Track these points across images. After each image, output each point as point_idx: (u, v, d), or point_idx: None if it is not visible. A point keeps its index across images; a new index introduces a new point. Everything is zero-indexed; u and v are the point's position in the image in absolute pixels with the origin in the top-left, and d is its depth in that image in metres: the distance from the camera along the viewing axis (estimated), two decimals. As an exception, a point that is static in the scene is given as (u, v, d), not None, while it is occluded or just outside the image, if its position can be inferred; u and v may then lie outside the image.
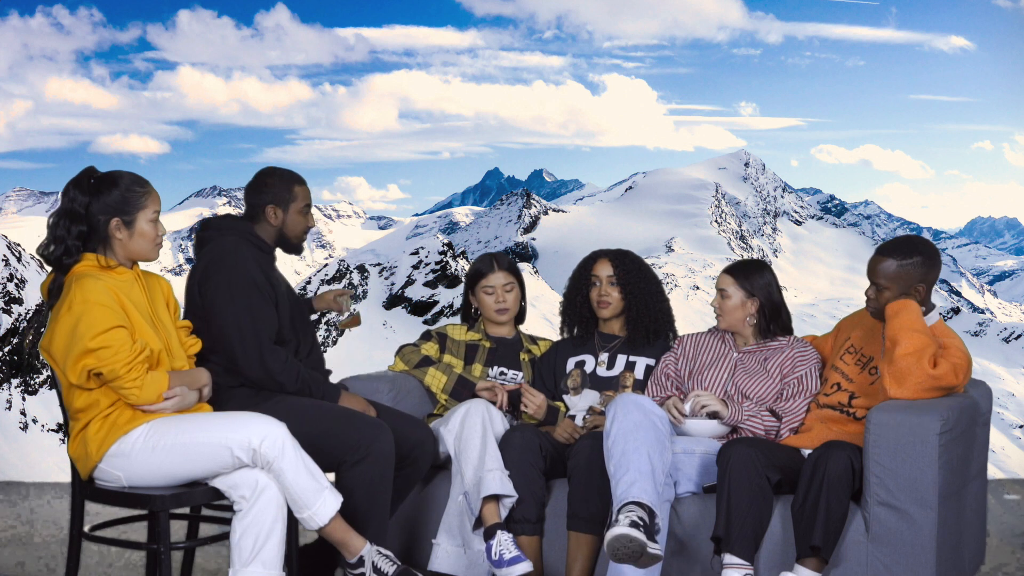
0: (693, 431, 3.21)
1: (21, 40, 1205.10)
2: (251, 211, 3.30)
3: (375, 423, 3.06)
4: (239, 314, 3.07)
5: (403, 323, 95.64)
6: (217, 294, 3.09)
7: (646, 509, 2.83)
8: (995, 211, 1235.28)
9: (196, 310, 3.13)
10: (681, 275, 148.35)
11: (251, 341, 3.08)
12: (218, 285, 3.09)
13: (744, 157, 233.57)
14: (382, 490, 3.03)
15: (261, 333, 3.09)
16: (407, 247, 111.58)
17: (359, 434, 3.01)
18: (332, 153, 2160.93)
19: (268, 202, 3.27)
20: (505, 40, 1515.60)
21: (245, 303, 3.08)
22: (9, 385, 54.98)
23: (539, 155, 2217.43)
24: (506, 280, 3.70)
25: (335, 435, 3.01)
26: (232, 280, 3.09)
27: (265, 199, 3.27)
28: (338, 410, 3.10)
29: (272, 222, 3.28)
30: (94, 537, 2.88)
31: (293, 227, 3.31)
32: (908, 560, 2.83)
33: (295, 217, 3.30)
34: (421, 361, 3.63)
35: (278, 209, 3.27)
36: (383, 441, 3.03)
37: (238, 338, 3.07)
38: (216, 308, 3.09)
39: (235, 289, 3.09)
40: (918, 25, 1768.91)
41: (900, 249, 3.07)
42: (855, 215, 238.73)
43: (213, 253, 3.16)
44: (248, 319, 3.08)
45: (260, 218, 3.28)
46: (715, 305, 3.43)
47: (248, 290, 3.10)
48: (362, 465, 3.00)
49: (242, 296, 3.08)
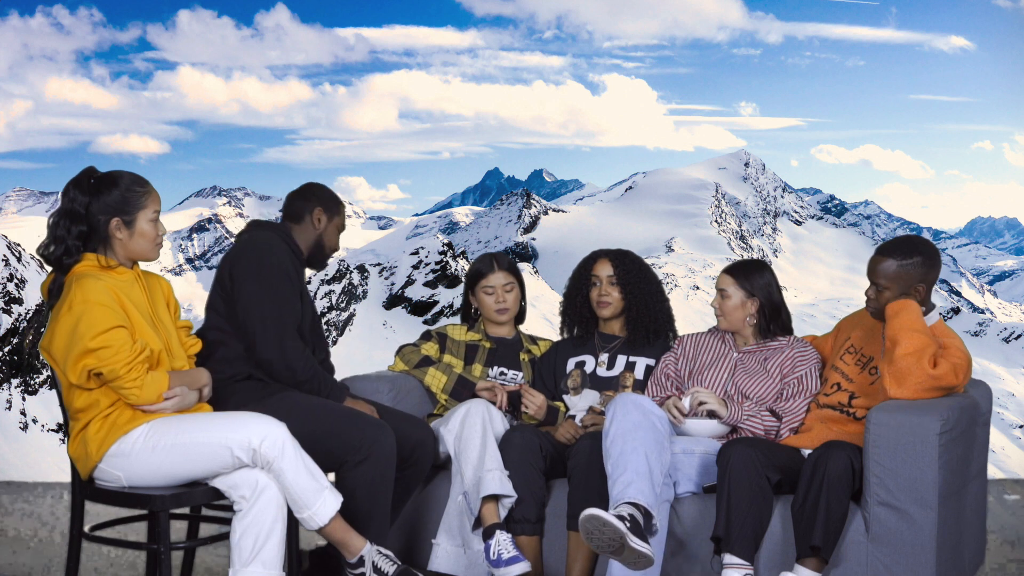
0: (693, 431, 3.21)
1: (21, 40, 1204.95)
2: (295, 213, 3.38)
3: (378, 424, 3.06)
4: (265, 296, 3.11)
5: (403, 323, 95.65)
6: (247, 275, 3.12)
7: (641, 509, 2.84)
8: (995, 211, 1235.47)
9: (224, 293, 3.15)
10: (681, 275, 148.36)
11: (273, 324, 3.10)
12: (249, 266, 3.13)
13: (744, 157, 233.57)
14: (384, 490, 3.03)
15: (285, 318, 3.12)
16: (407, 247, 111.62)
17: (362, 434, 3.01)
18: (332, 153, 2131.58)
19: (317, 206, 3.37)
20: (505, 40, 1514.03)
21: (273, 287, 3.12)
22: (9, 385, 55.00)
23: (539, 155, 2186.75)
24: (506, 280, 3.70)
25: (338, 435, 3.01)
26: (263, 264, 3.14)
27: (313, 204, 3.38)
28: (342, 410, 3.10)
29: (316, 226, 3.38)
30: (94, 537, 2.88)
31: (330, 238, 3.42)
32: (908, 560, 2.83)
33: (333, 231, 3.42)
34: (421, 361, 3.63)
35: (324, 215, 3.38)
36: (385, 442, 3.03)
37: (260, 318, 3.09)
38: (243, 288, 3.11)
39: (265, 272, 3.13)
40: (918, 25, 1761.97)
41: (900, 249, 3.07)
42: (855, 215, 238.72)
43: (248, 240, 3.23)
44: (274, 302, 3.11)
45: (304, 220, 3.37)
46: (715, 305, 3.43)
47: (278, 276, 3.14)
48: (364, 465, 3.00)
49: (270, 280, 3.13)
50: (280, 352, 3.10)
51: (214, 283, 3.22)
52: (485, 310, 3.71)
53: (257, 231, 3.30)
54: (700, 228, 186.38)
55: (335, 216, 3.42)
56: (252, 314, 3.10)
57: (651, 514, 2.86)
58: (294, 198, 3.41)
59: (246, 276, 3.12)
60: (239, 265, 3.15)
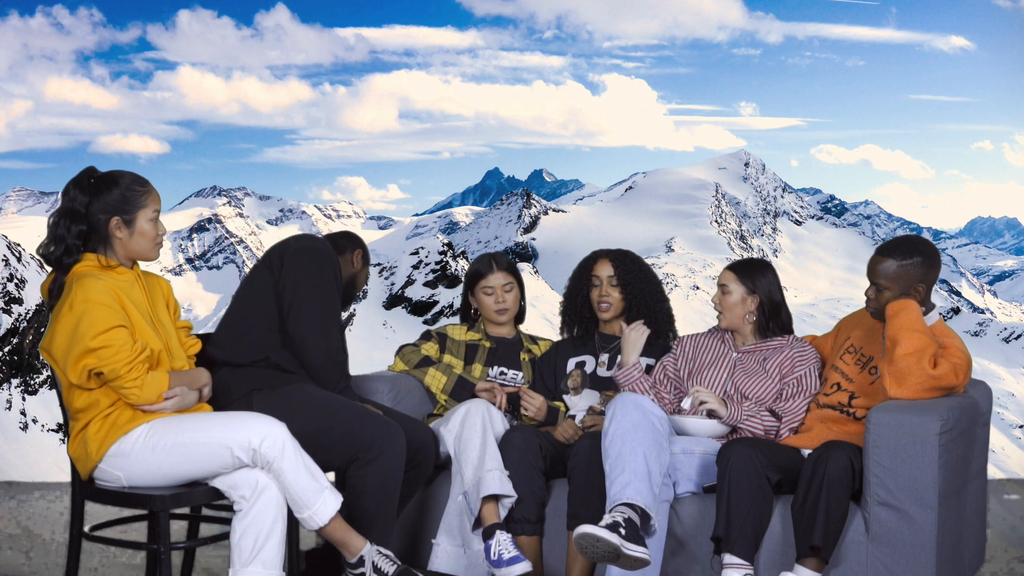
0: (692, 430, 3.21)
1: (21, 40, 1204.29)
2: (339, 247, 3.53)
3: (389, 423, 3.05)
4: (322, 284, 3.14)
5: (403, 323, 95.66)
6: (308, 263, 3.15)
7: (638, 511, 2.84)
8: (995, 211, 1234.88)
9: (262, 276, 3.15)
10: (681, 275, 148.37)
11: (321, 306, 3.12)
12: (312, 257, 3.17)
13: (744, 157, 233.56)
14: (391, 491, 3.02)
15: (333, 308, 3.17)
16: (407, 247, 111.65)
17: (375, 432, 3.00)
18: (332, 153, 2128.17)
19: (358, 249, 3.58)
20: (505, 40, 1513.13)
21: (329, 280, 3.17)
22: (9, 385, 54.99)
23: (539, 155, 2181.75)
24: (505, 280, 3.70)
25: (351, 431, 3.00)
26: (323, 261, 3.18)
27: (355, 246, 3.58)
28: (355, 407, 3.08)
29: (353, 265, 3.56)
30: (94, 537, 2.88)
31: (360, 281, 3.58)
32: (908, 560, 2.83)
33: (363, 277, 3.61)
34: (421, 361, 3.63)
35: (361, 260, 3.58)
36: (397, 442, 3.02)
37: (314, 297, 3.11)
38: (300, 271, 3.13)
39: (324, 267, 3.17)
40: (918, 25, 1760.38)
41: (900, 249, 3.07)
42: (855, 215, 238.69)
43: (310, 239, 3.26)
44: (329, 291, 3.15)
45: (345, 255, 3.54)
46: (715, 301, 3.44)
47: (334, 275, 3.19)
48: (374, 465, 2.98)
49: (327, 274, 3.17)
50: (323, 334, 3.11)
51: (253, 268, 3.22)
52: (485, 310, 3.71)
53: (317, 239, 3.32)
54: (700, 228, 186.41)
55: (367, 265, 3.63)
56: (306, 295, 3.10)
57: (649, 515, 2.87)
58: (337, 237, 3.59)
59: (306, 263, 3.15)
60: (301, 255, 3.16)
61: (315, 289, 3.12)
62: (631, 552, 2.72)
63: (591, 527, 2.73)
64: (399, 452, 3.02)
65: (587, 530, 2.73)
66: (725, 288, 3.40)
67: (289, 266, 3.13)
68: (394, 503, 3.04)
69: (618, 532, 2.73)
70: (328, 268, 3.17)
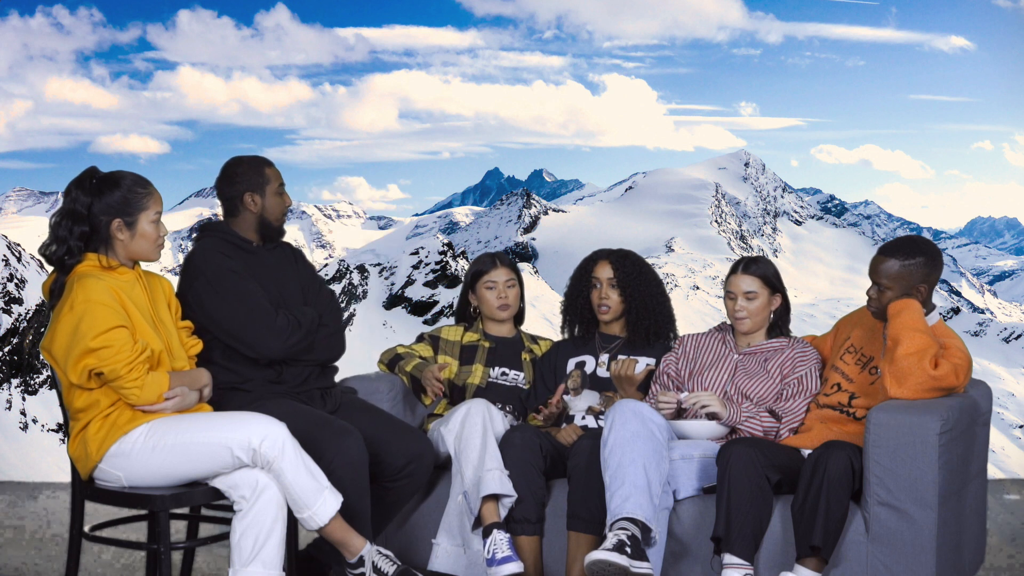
0: (692, 433, 3.21)
1: (21, 40, 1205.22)
2: (229, 205, 3.30)
3: (342, 429, 3.02)
4: (231, 303, 3.09)
5: (403, 323, 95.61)
6: (204, 295, 3.10)
7: (639, 525, 2.85)
8: (995, 211, 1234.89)
9: (195, 319, 3.13)
10: (681, 275, 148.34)
11: (253, 320, 3.09)
12: (201, 287, 3.11)
13: (744, 157, 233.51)
14: (354, 495, 2.96)
15: (256, 309, 3.10)
16: (407, 247, 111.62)
17: (325, 443, 2.97)
18: (332, 153, 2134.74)
19: (244, 191, 3.27)
20: (505, 40, 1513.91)
21: (230, 290, 3.10)
22: (9, 385, 54.98)
23: (539, 155, 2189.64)
24: (508, 276, 3.70)
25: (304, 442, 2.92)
26: (209, 277, 3.11)
27: (240, 188, 3.27)
28: (310, 415, 3.06)
29: (252, 209, 3.27)
30: (94, 537, 2.88)
31: (272, 210, 3.30)
32: (908, 560, 2.83)
33: (272, 199, 3.30)
34: (395, 357, 3.64)
35: (255, 195, 3.27)
36: (349, 448, 2.99)
37: (240, 325, 3.08)
38: (208, 308, 3.10)
39: (215, 282, 3.11)
40: (918, 25, 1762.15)
41: (903, 249, 3.07)
42: (855, 215, 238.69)
43: (187, 262, 3.19)
44: (240, 303, 3.09)
45: (239, 210, 3.28)
46: (737, 309, 3.34)
47: (226, 277, 3.12)
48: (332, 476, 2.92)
49: (223, 285, 3.11)
50: (274, 336, 3.09)
51: (183, 310, 3.17)
52: (486, 307, 3.71)
53: (196, 243, 3.27)
54: (700, 228, 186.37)
55: (264, 188, 3.28)
56: (234, 326, 3.09)
57: (649, 528, 2.88)
58: (221, 187, 3.31)
59: (203, 297, 3.11)
60: (191, 291, 3.13)
61: (219, 311, 3.10)
62: (638, 570, 2.76)
63: (601, 553, 2.75)
64: (353, 458, 2.98)
65: (598, 556, 2.75)
66: (751, 294, 3.32)
67: (203, 313, 3.12)
68: (365, 506, 3.01)
69: (624, 552, 2.76)
70: (221, 285, 3.11)
